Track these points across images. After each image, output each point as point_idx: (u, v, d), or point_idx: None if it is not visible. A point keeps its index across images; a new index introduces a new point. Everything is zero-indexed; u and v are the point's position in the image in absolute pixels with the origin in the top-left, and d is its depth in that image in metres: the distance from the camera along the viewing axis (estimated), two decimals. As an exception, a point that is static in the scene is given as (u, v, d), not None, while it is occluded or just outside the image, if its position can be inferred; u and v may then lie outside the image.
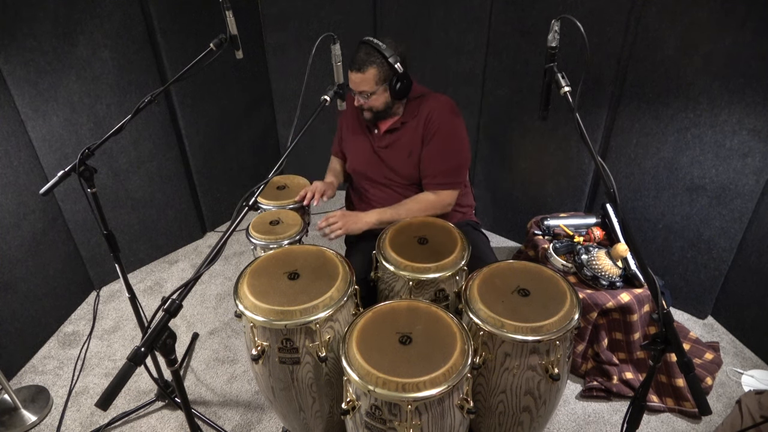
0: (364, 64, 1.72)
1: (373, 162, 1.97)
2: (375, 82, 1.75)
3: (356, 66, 1.73)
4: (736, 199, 2.04)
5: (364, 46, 1.73)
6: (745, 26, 1.81)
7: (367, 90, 1.76)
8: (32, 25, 2.04)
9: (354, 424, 1.38)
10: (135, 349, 0.94)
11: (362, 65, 1.72)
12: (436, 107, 1.86)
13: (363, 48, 1.73)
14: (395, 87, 1.76)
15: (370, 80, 1.74)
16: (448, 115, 1.86)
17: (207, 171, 2.94)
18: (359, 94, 1.79)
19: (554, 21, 1.29)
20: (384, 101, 1.81)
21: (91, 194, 1.54)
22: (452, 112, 1.87)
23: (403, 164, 1.91)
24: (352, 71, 1.74)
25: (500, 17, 2.42)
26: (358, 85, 1.76)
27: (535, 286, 1.55)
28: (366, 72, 1.72)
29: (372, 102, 1.80)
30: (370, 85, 1.75)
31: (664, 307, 1.04)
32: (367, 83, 1.74)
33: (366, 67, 1.72)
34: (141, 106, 1.49)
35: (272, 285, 1.52)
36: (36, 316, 2.27)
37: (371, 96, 1.78)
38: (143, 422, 1.96)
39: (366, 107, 1.83)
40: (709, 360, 2.11)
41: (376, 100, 1.80)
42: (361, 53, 1.72)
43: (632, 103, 2.17)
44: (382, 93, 1.79)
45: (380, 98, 1.80)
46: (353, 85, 1.77)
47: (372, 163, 1.97)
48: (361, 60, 1.72)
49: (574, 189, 2.53)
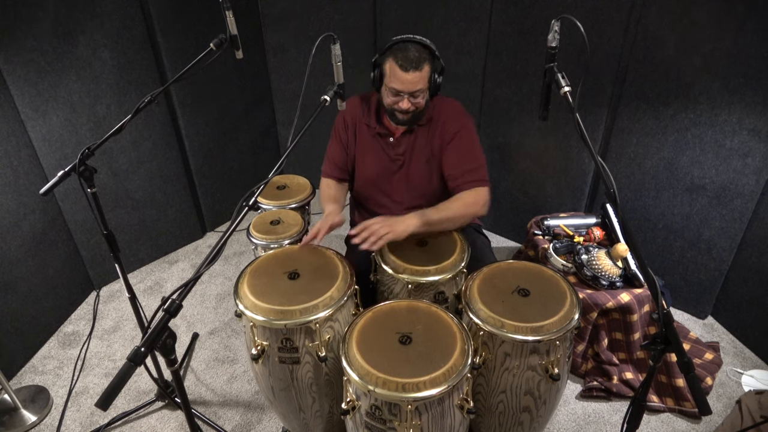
0: (421, 61, 1.64)
1: (390, 172, 1.89)
2: (428, 79, 1.69)
3: (413, 65, 1.63)
4: (736, 199, 2.04)
5: (412, 44, 1.65)
6: (745, 26, 1.81)
7: (423, 88, 1.68)
8: (32, 25, 2.04)
9: (354, 424, 1.38)
10: (135, 349, 0.94)
11: (419, 63, 1.63)
12: (451, 111, 1.83)
13: (411, 46, 1.64)
14: (436, 82, 1.72)
15: (425, 77, 1.67)
16: (464, 117, 1.83)
17: (207, 171, 2.94)
18: (410, 96, 1.69)
19: (554, 21, 1.29)
20: (426, 100, 1.74)
21: (91, 194, 1.54)
22: (466, 114, 1.85)
23: (423, 171, 1.86)
24: (407, 71, 1.63)
25: (500, 17, 2.42)
26: (415, 84, 1.66)
27: (535, 286, 1.55)
28: (423, 69, 1.65)
29: (420, 101, 1.71)
30: (425, 83, 1.68)
31: (664, 307, 1.04)
32: (424, 80, 1.67)
33: (423, 63, 1.64)
34: (141, 106, 1.49)
35: (272, 285, 1.52)
36: (36, 316, 2.27)
37: (421, 94, 1.70)
38: (143, 422, 1.96)
39: (412, 109, 1.72)
40: (709, 360, 2.11)
41: (423, 98, 1.72)
42: (412, 51, 1.64)
43: (632, 103, 2.17)
44: (427, 92, 1.72)
45: (426, 96, 1.73)
46: (407, 86, 1.66)
47: (388, 174, 1.89)
48: (417, 58, 1.63)
49: (574, 189, 2.53)
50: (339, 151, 1.93)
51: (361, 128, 1.89)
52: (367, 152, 1.90)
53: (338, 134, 1.92)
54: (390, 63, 1.66)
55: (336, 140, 1.93)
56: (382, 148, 1.88)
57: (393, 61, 1.65)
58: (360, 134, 1.90)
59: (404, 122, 1.77)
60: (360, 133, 1.90)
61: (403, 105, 1.70)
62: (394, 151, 1.87)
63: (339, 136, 1.92)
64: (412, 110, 1.72)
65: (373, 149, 1.89)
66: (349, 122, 1.89)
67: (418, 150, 1.85)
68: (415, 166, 1.87)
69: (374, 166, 1.90)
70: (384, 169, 1.89)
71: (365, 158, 1.91)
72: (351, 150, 1.92)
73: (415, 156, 1.85)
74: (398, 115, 1.74)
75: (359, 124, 1.89)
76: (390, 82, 1.68)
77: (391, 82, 1.67)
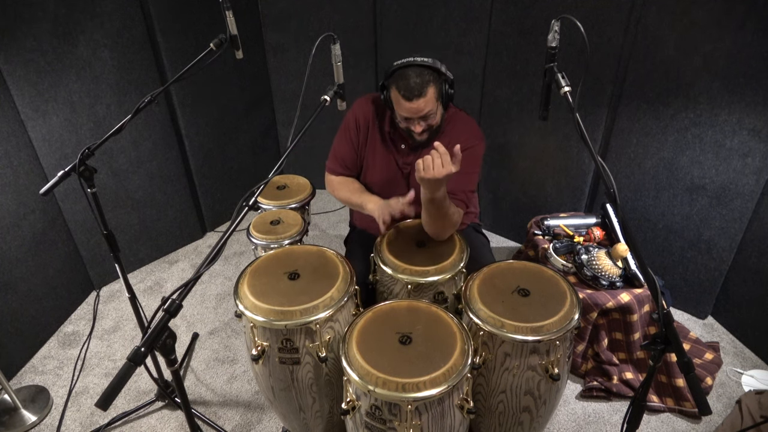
0: (424, 86, 1.58)
1: (397, 177, 1.87)
2: (436, 99, 1.64)
3: (416, 92, 1.58)
4: (736, 199, 2.04)
5: (412, 69, 1.59)
6: (745, 26, 1.81)
7: (432, 110, 1.64)
8: (32, 25, 2.04)
9: (354, 424, 1.38)
10: (135, 349, 0.94)
11: (422, 88, 1.58)
12: (465, 128, 1.80)
13: (411, 72, 1.59)
14: (447, 95, 1.68)
15: (431, 100, 1.62)
16: (476, 139, 1.80)
17: (207, 171, 2.94)
18: (420, 120, 1.65)
19: (554, 21, 1.29)
20: (440, 114, 1.71)
21: (91, 194, 1.54)
22: (479, 136, 1.82)
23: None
24: (411, 100, 1.59)
25: (500, 17, 2.42)
26: (421, 110, 1.62)
27: (535, 286, 1.55)
28: (427, 94, 1.60)
29: (432, 120, 1.69)
30: (432, 105, 1.63)
31: (664, 307, 1.04)
32: (430, 103, 1.62)
33: (426, 88, 1.59)
34: (141, 106, 1.49)
35: (272, 285, 1.52)
36: (36, 316, 2.27)
37: (432, 115, 1.67)
38: (143, 422, 1.96)
39: (426, 128, 1.69)
40: (709, 360, 2.11)
41: (435, 117, 1.69)
42: (413, 78, 1.58)
43: (632, 103, 2.17)
44: (439, 107, 1.68)
45: (438, 113, 1.70)
46: (414, 113, 1.62)
47: (396, 179, 1.87)
48: (419, 84, 1.58)
49: (574, 189, 2.53)
50: (349, 152, 1.89)
51: (373, 130, 1.86)
52: (377, 155, 1.88)
53: (349, 135, 1.88)
54: (394, 92, 1.64)
55: (346, 140, 1.89)
56: (392, 154, 1.86)
57: (396, 90, 1.62)
58: (371, 136, 1.87)
59: (422, 141, 1.75)
60: (372, 135, 1.87)
61: (416, 129, 1.68)
62: (403, 159, 1.85)
63: (350, 137, 1.88)
64: (427, 129, 1.71)
65: (383, 153, 1.87)
66: (362, 123, 1.86)
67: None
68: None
69: (382, 170, 1.88)
70: (392, 175, 1.88)
71: (375, 161, 1.89)
72: (361, 152, 1.90)
73: None
74: (415, 136, 1.72)
75: (371, 127, 1.86)
76: (398, 110, 1.67)
77: (399, 109, 1.66)
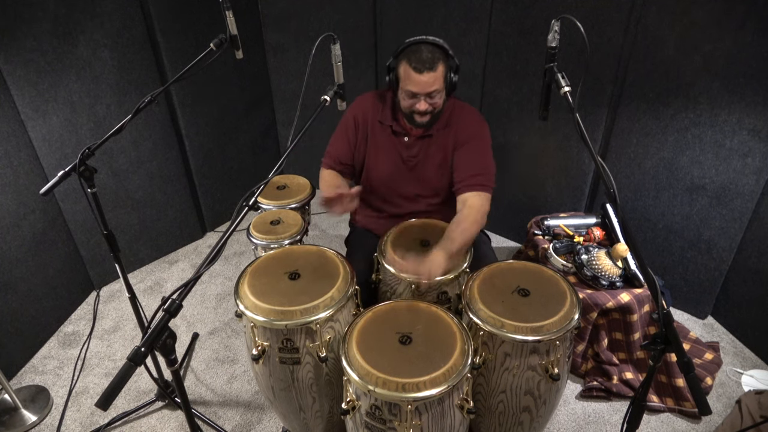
0: (435, 61, 1.61)
1: (401, 172, 1.88)
2: (444, 78, 1.66)
3: (428, 65, 1.60)
4: (736, 199, 2.04)
5: (425, 45, 1.63)
6: (745, 26, 1.81)
7: (439, 88, 1.66)
8: (32, 25, 2.04)
9: (354, 424, 1.38)
10: (135, 349, 0.94)
11: (433, 63, 1.61)
12: (467, 116, 1.82)
13: (424, 47, 1.62)
14: (451, 80, 1.69)
15: (440, 77, 1.64)
16: (479, 124, 1.82)
17: (207, 171, 2.94)
18: (427, 97, 1.67)
19: (554, 21, 1.29)
20: (443, 98, 1.72)
21: (91, 194, 1.54)
22: (482, 121, 1.84)
23: (434, 175, 1.85)
24: (422, 72, 1.61)
25: (500, 17, 2.42)
26: (431, 85, 1.64)
27: (535, 286, 1.55)
28: (438, 69, 1.62)
29: (437, 101, 1.69)
30: (440, 82, 1.65)
31: (664, 307, 1.04)
32: (439, 80, 1.64)
33: (437, 64, 1.61)
34: (141, 106, 1.49)
35: (273, 285, 1.52)
36: (36, 316, 2.27)
37: (438, 94, 1.68)
38: (143, 422, 1.96)
39: (430, 109, 1.70)
40: (709, 360, 2.11)
41: (440, 98, 1.70)
42: (425, 52, 1.61)
43: (632, 103, 2.17)
44: (444, 89, 1.70)
45: (442, 95, 1.71)
46: (423, 87, 1.64)
47: (399, 174, 1.88)
48: (430, 58, 1.60)
49: (574, 189, 2.53)
50: (345, 150, 1.89)
51: (374, 127, 1.86)
52: (380, 151, 1.88)
53: (347, 133, 1.88)
54: (404, 66, 1.64)
55: (343, 138, 1.89)
56: (396, 148, 1.86)
57: (407, 63, 1.63)
58: (372, 133, 1.87)
59: (423, 124, 1.75)
60: (373, 132, 1.87)
61: (420, 107, 1.68)
62: (407, 152, 1.85)
63: (347, 135, 1.88)
64: (430, 111, 1.71)
65: (386, 148, 1.87)
66: (360, 122, 1.86)
67: (432, 154, 1.84)
68: (428, 168, 1.86)
69: (387, 165, 1.88)
70: (396, 169, 1.88)
71: (378, 157, 1.89)
72: (360, 151, 1.90)
73: (429, 160, 1.84)
74: (417, 118, 1.72)
75: (372, 123, 1.86)
76: (405, 85, 1.66)
77: (407, 84, 1.66)
